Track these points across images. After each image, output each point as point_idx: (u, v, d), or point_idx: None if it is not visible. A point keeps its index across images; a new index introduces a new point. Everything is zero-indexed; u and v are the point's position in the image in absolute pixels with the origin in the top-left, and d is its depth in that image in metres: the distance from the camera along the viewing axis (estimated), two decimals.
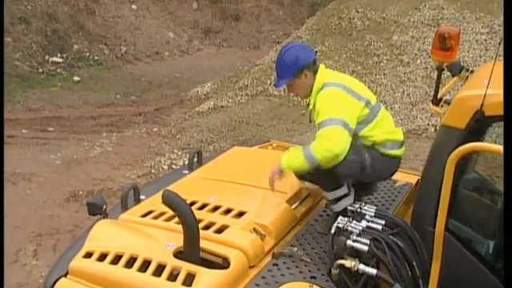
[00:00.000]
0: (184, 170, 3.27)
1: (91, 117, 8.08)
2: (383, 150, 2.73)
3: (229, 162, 3.14)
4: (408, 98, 8.09)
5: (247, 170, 3.05)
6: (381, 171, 2.76)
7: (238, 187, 2.91)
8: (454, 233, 2.41)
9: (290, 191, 2.57)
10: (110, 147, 6.82)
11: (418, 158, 6.28)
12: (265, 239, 2.55)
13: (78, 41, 11.17)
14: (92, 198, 2.80)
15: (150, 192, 2.89)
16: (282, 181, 2.65)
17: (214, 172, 3.07)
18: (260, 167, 2.79)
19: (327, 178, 2.68)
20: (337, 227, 2.53)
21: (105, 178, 5.84)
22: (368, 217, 2.62)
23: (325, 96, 2.60)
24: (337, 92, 2.60)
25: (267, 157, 2.67)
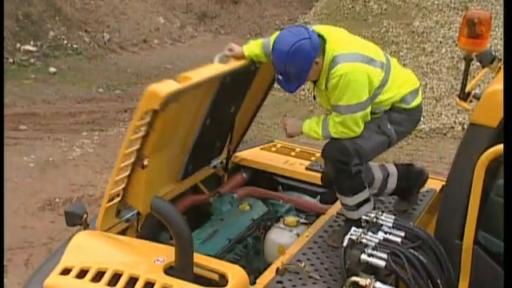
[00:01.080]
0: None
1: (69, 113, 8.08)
2: (405, 106, 2.80)
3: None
4: (431, 92, 8.09)
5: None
6: (407, 129, 2.88)
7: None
8: (485, 246, 2.41)
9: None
10: (91, 148, 6.83)
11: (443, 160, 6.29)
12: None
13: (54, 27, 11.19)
14: (70, 206, 2.82)
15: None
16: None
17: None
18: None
19: (350, 179, 2.71)
20: (350, 239, 2.54)
21: (85, 184, 5.84)
22: (385, 228, 2.63)
23: (340, 77, 2.64)
24: (352, 70, 2.63)
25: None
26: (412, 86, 2.85)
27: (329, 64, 2.67)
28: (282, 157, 3.85)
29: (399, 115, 2.80)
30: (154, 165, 2.76)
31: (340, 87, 2.63)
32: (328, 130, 2.76)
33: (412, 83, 2.86)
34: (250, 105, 3.56)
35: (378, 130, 2.78)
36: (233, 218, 3.26)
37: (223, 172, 3.74)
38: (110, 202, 2.79)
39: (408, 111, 2.81)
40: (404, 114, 2.81)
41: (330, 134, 2.76)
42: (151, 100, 2.47)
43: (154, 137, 2.62)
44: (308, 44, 2.62)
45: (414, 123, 2.91)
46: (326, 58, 2.69)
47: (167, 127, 2.72)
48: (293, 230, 3.05)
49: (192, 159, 3.26)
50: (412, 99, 2.82)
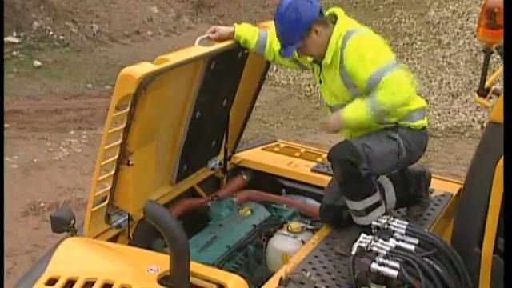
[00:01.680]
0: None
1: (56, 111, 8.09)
2: (411, 124, 2.83)
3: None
4: (448, 87, 8.09)
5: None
6: (415, 150, 2.87)
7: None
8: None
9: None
10: (79, 148, 6.83)
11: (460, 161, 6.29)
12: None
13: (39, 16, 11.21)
14: (57, 211, 2.82)
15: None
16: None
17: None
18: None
19: (360, 181, 2.72)
20: (359, 247, 2.54)
21: (73, 187, 5.85)
22: (398, 234, 2.64)
23: (363, 42, 2.68)
24: (370, 35, 2.70)
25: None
26: (421, 103, 2.89)
27: (342, 37, 2.72)
28: (285, 158, 3.85)
29: (403, 130, 2.83)
30: (141, 162, 2.77)
31: (362, 52, 2.66)
32: (375, 101, 2.65)
33: (421, 100, 2.90)
34: (244, 98, 3.58)
35: (387, 137, 2.81)
36: (232, 224, 3.26)
37: (222, 174, 3.74)
38: (97, 205, 2.80)
39: (415, 131, 2.85)
40: (412, 132, 2.84)
41: (378, 103, 2.64)
42: (126, 84, 2.48)
43: (136, 129, 2.63)
44: (305, 5, 2.68)
45: (419, 146, 2.90)
46: (337, 32, 2.73)
47: (150, 118, 2.73)
48: (297, 237, 3.06)
49: (185, 159, 3.28)
50: (419, 118, 2.86)
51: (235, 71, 3.31)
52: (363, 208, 2.78)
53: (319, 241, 2.94)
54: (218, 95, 3.26)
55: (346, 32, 2.73)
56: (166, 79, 2.72)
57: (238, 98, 3.48)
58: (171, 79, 2.78)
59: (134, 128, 2.63)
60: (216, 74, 3.07)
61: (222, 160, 3.68)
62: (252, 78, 3.51)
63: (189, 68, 2.93)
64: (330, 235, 2.99)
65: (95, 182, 2.67)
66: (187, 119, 3.13)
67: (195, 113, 3.12)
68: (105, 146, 2.59)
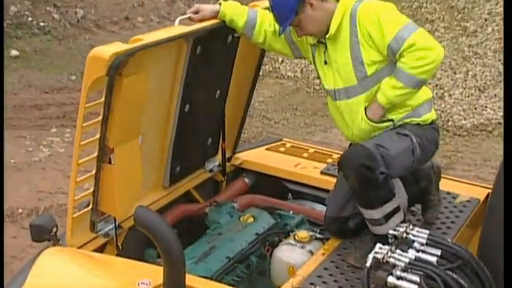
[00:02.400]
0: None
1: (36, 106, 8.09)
2: (419, 119, 2.86)
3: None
4: (474, 80, 8.07)
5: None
6: (428, 147, 2.89)
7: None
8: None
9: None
10: (61, 148, 6.83)
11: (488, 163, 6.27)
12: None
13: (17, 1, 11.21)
14: (37, 218, 2.82)
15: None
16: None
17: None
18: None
19: (377, 187, 2.73)
20: (374, 258, 2.54)
21: (54, 191, 5.85)
22: (417, 244, 2.64)
23: (377, 5, 2.75)
24: (387, 2, 2.76)
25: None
26: (429, 94, 2.93)
27: (350, 9, 2.77)
28: (292, 158, 3.86)
29: (412, 126, 2.86)
30: (124, 161, 2.79)
31: (378, 14, 2.70)
32: (402, 70, 2.69)
33: (427, 90, 2.94)
34: (240, 89, 3.60)
35: (398, 135, 2.84)
36: (233, 233, 3.27)
37: (221, 177, 3.75)
38: (79, 211, 2.81)
39: (421, 126, 2.87)
40: (420, 128, 2.87)
41: (407, 69, 2.68)
42: (95, 66, 2.48)
43: (115, 121, 2.64)
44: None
45: (432, 142, 2.92)
46: (342, 6, 2.78)
47: (130, 108, 2.73)
48: (305, 247, 3.06)
49: (178, 159, 3.29)
50: (427, 110, 2.90)
51: (226, 57, 3.32)
52: (382, 215, 2.78)
53: (330, 251, 2.94)
54: (208, 85, 3.27)
55: (353, 4, 2.78)
56: (144, 63, 2.72)
57: (232, 89, 3.50)
58: (150, 63, 2.79)
59: (112, 120, 2.63)
60: (203, 61, 3.08)
61: (221, 161, 3.69)
62: (246, 66, 3.51)
63: (170, 52, 2.94)
64: (341, 245, 2.99)
65: (73, 183, 2.68)
66: (175, 112, 3.13)
67: (184, 105, 3.13)
68: (80, 141, 2.60)
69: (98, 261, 2.73)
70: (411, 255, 2.56)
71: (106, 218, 2.94)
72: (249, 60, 3.52)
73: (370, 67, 2.78)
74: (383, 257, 2.53)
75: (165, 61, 2.95)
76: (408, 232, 2.70)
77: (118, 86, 2.57)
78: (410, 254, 2.57)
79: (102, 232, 2.92)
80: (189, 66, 3.03)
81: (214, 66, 3.23)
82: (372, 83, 2.81)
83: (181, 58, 3.01)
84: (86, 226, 2.87)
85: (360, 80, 2.81)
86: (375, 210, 2.78)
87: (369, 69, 2.78)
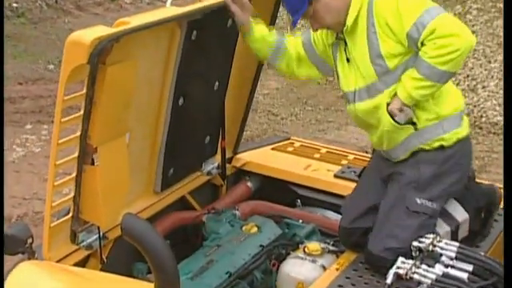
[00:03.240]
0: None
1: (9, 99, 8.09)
2: (442, 136, 2.84)
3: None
4: None
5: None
6: (456, 189, 2.93)
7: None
8: None
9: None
10: (37, 147, 6.84)
11: None
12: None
13: None
14: (9, 228, 2.82)
15: None
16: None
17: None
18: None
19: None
20: (396, 274, 2.55)
21: (29, 196, 5.86)
22: (445, 258, 2.64)
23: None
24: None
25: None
26: (455, 104, 2.91)
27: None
28: (301, 160, 3.86)
29: (429, 155, 2.87)
30: (110, 162, 2.79)
31: (400, 1, 2.71)
32: (425, 62, 2.68)
33: (456, 100, 2.93)
34: (242, 81, 3.61)
35: (407, 211, 2.86)
36: (234, 244, 3.27)
37: (220, 180, 3.75)
38: (58, 219, 2.80)
39: (443, 150, 2.87)
40: (436, 156, 2.87)
41: (432, 60, 2.66)
42: (74, 53, 2.47)
43: (98, 117, 2.63)
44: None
45: (459, 180, 2.94)
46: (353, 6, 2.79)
47: (115, 102, 2.73)
48: (317, 261, 3.06)
49: (171, 160, 3.29)
50: (451, 126, 2.88)
51: (226, 44, 3.32)
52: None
53: (345, 266, 2.94)
54: (205, 76, 3.27)
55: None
56: (131, 50, 2.72)
57: (233, 80, 3.49)
58: (138, 50, 2.78)
59: (95, 115, 2.63)
60: (200, 48, 3.08)
61: (221, 162, 3.69)
62: (249, 54, 3.51)
63: (161, 37, 2.94)
64: (358, 259, 2.98)
65: (50, 187, 2.68)
66: (168, 106, 3.13)
67: (177, 98, 3.13)
68: (58, 139, 2.59)
69: (80, 277, 2.72)
70: (439, 271, 2.56)
71: (88, 228, 2.93)
72: None
73: (391, 60, 2.77)
74: (406, 272, 2.54)
75: (155, 47, 2.95)
76: (435, 244, 2.70)
77: (101, 76, 2.56)
78: (438, 270, 2.57)
79: (85, 243, 2.91)
80: (183, 53, 3.03)
81: (211, 54, 3.23)
82: (395, 79, 2.80)
83: (174, 45, 3.01)
84: (65, 236, 2.86)
85: (380, 76, 2.80)
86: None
87: (389, 62, 2.77)
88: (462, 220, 2.98)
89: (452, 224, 2.96)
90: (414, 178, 2.87)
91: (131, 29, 2.59)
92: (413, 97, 2.75)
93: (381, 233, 2.87)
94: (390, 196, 2.92)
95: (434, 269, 2.57)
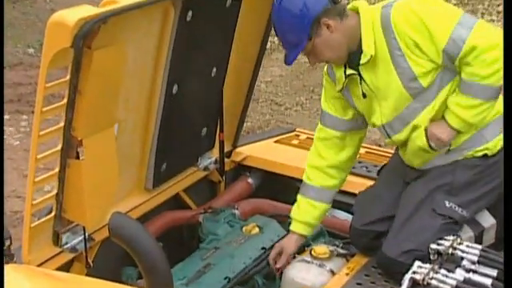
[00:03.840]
0: None
1: None
2: (484, 145, 2.83)
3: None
4: None
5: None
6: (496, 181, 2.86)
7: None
8: None
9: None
10: (16, 140, 6.85)
11: None
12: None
13: None
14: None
15: None
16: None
17: None
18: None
19: None
20: (412, 279, 2.53)
21: (8, 194, 5.86)
22: (467, 263, 2.63)
23: (414, 5, 2.69)
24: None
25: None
26: (494, 110, 2.84)
27: (379, 15, 2.73)
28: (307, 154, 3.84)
29: (466, 164, 2.86)
30: (96, 155, 2.78)
31: (420, 12, 2.66)
32: (480, 85, 2.66)
33: (498, 104, 2.86)
34: (242, 66, 3.61)
35: (432, 213, 2.85)
36: (233, 247, 3.28)
37: (219, 177, 3.75)
38: (39, 219, 2.79)
39: (487, 158, 2.84)
40: (476, 163, 2.86)
41: (487, 81, 2.65)
42: (57, 36, 2.46)
43: (83, 106, 2.63)
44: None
45: (496, 187, 2.89)
46: (366, 15, 2.74)
47: (102, 90, 2.72)
48: (324, 265, 3.05)
49: (164, 154, 3.29)
50: (491, 133, 2.85)
51: (224, 26, 3.32)
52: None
53: (355, 271, 2.93)
54: (201, 61, 3.27)
55: (382, 12, 2.73)
56: (120, 33, 2.71)
57: (232, 66, 3.49)
58: (127, 33, 2.78)
59: (80, 104, 2.62)
60: (195, 30, 3.08)
61: (218, 157, 3.68)
62: (250, 37, 3.51)
63: (153, 18, 2.93)
64: (370, 263, 2.98)
65: (31, 184, 2.67)
66: (160, 95, 3.13)
67: (171, 86, 3.13)
68: (39, 131, 2.58)
69: (63, 282, 2.72)
70: (459, 276, 2.55)
71: (72, 228, 2.93)
72: (253, 29, 3.51)
73: (425, 79, 2.72)
74: (423, 278, 2.53)
75: (146, 30, 2.94)
76: (455, 247, 2.69)
77: (86, 61, 2.56)
78: (458, 275, 2.55)
79: (68, 246, 2.91)
80: (177, 36, 3.03)
81: (208, 37, 3.23)
82: (431, 96, 2.76)
83: (167, 26, 3.01)
84: (47, 238, 2.86)
85: (416, 96, 2.77)
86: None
87: (424, 81, 2.72)
88: (487, 226, 2.97)
89: (476, 229, 2.94)
90: (447, 181, 2.86)
91: (120, 9, 2.59)
92: (471, 123, 2.75)
93: (399, 235, 2.85)
94: (414, 197, 2.90)
95: (454, 274, 2.56)
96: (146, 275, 2.40)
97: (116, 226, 2.43)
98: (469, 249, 2.68)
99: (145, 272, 2.41)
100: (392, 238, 2.87)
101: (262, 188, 3.81)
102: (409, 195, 2.93)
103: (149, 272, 2.38)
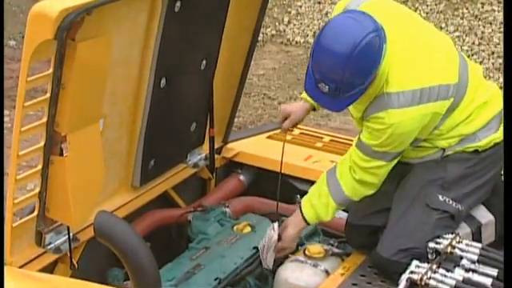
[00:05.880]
0: None
1: None
2: (477, 143, 2.87)
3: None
4: None
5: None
6: (499, 168, 2.91)
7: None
8: None
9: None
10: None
11: None
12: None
13: None
14: None
15: None
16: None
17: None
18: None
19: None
20: (409, 280, 2.54)
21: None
22: (467, 262, 2.64)
23: (388, 127, 2.76)
24: (404, 120, 2.74)
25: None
26: (494, 109, 2.94)
27: (378, 91, 2.76)
28: (301, 150, 3.86)
29: (459, 157, 2.91)
30: (81, 152, 2.77)
31: (383, 138, 2.78)
32: (339, 187, 2.94)
33: (496, 102, 2.96)
34: (233, 59, 3.61)
35: (427, 208, 2.89)
36: (224, 247, 3.28)
37: (209, 174, 3.75)
38: (21, 219, 2.78)
39: (479, 154, 2.90)
40: (472, 159, 2.90)
41: (344, 191, 2.94)
42: (39, 27, 2.45)
43: (67, 101, 2.62)
44: (377, 40, 2.65)
45: (494, 171, 2.96)
46: (379, 79, 2.74)
47: (87, 84, 2.71)
48: (319, 265, 3.06)
49: (152, 150, 3.29)
50: (487, 133, 2.91)
51: (214, 17, 3.31)
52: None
53: (351, 271, 2.94)
54: (190, 53, 3.27)
55: (383, 94, 2.77)
56: (105, 24, 2.71)
57: (222, 59, 3.49)
58: (113, 24, 2.77)
59: (64, 99, 2.61)
60: (184, 20, 3.08)
61: (209, 153, 3.68)
62: (241, 28, 3.51)
63: (140, 8, 2.93)
64: (366, 262, 2.99)
65: (12, 182, 2.66)
66: (148, 89, 3.13)
67: (158, 79, 3.12)
68: (20, 126, 2.57)
69: (47, 284, 2.72)
70: (458, 276, 2.56)
71: (56, 228, 2.92)
72: (244, 20, 3.52)
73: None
74: (421, 277, 2.54)
75: (133, 21, 2.94)
76: (454, 245, 2.70)
77: (70, 54, 2.55)
78: (457, 275, 2.57)
79: (52, 246, 2.91)
80: (165, 27, 3.02)
81: (197, 28, 3.22)
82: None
83: (154, 18, 3.00)
84: (30, 238, 2.85)
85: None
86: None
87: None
88: (485, 222, 2.98)
89: (473, 225, 2.96)
90: (440, 175, 2.89)
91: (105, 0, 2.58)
92: (315, 217, 3.06)
93: (393, 233, 2.87)
94: (407, 193, 2.93)
95: (453, 273, 2.57)
96: (132, 276, 2.40)
97: (102, 225, 2.43)
98: (468, 247, 2.69)
99: (132, 273, 2.41)
100: (387, 237, 2.88)
101: (253, 185, 3.81)
102: (401, 191, 2.96)
103: (136, 273, 2.38)
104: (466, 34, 8.15)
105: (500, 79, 7.36)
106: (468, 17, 8.64)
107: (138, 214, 3.35)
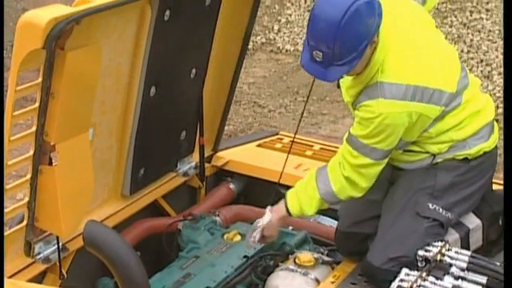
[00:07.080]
0: None
1: None
2: (468, 151, 2.87)
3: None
4: None
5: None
6: (489, 176, 2.94)
7: None
8: None
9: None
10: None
11: None
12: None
13: None
14: None
15: None
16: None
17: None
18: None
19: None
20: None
21: None
22: (456, 269, 2.64)
23: (376, 117, 2.76)
24: (393, 112, 2.75)
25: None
26: (486, 117, 2.95)
27: (371, 78, 2.78)
28: (291, 158, 3.83)
29: (448, 165, 2.91)
30: (70, 161, 2.77)
31: (371, 128, 2.78)
32: (328, 186, 2.92)
33: (487, 111, 2.97)
34: (222, 67, 3.61)
35: (416, 216, 2.88)
36: (214, 255, 3.28)
37: (199, 182, 3.75)
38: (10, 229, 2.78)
39: (468, 162, 2.90)
40: (458, 165, 2.90)
41: (332, 189, 2.91)
42: (28, 36, 2.45)
43: (56, 108, 2.62)
44: (369, 9, 2.67)
45: (480, 188, 2.97)
46: (373, 64, 2.76)
47: (76, 93, 2.71)
48: (309, 273, 3.06)
49: (142, 159, 3.29)
50: (477, 141, 2.91)
51: (203, 25, 3.32)
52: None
53: (341, 279, 2.94)
54: (180, 62, 3.27)
55: (377, 83, 2.77)
56: (94, 33, 2.71)
57: (212, 66, 3.50)
58: (102, 33, 2.77)
59: (53, 108, 2.61)
60: (173, 30, 3.08)
61: (198, 161, 3.68)
62: (231, 36, 3.52)
63: (129, 18, 2.93)
64: (356, 270, 2.99)
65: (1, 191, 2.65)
66: (137, 98, 3.13)
67: (148, 88, 3.13)
68: (9, 136, 2.57)
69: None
70: (448, 284, 2.56)
71: (45, 238, 2.92)
72: (234, 28, 3.53)
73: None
74: (411, 285, 2.53)
75: (122, 30, 2.94)
76: (444, 253, 2.70)
77: (59, 63, 2.55)
78: (447, 283, 2.56)
79: (41, 256, 2.90)
80: (154, 36, 3.03)
81: (187, 37, 3.23)
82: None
83: (143, 26, 3.00)
84: (19, 248, 2.85)
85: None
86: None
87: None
88: (472, 227, 2.99)
89: (461, 230, 2.97)
90: (429, 184, 2.89)
91: (94, 8, 2.58)
92: (299, 211, 3.06)
93: (383, 241, 2.87)
94: (397, 201, 2.93)
95: (442, 281, 2.57)
96: (122, 286, 2.39)
97: (91, 235, 2.42)
98: (458, 255, 2.69)
99: (121, 282, 2.40)
100: (377, 245, 2.88)
101: (244, 194, 3.81)
102: (391, 199, 2.97)
103: (125, 282, 2.38)
104: (455, 42, 8.17)
105: (489, 87, 7.39)
106: (457, 25, 8.67)
107: (127, 223, 3.35)
